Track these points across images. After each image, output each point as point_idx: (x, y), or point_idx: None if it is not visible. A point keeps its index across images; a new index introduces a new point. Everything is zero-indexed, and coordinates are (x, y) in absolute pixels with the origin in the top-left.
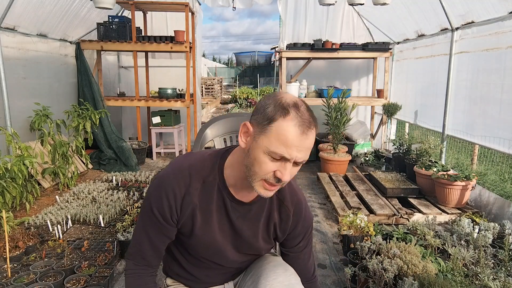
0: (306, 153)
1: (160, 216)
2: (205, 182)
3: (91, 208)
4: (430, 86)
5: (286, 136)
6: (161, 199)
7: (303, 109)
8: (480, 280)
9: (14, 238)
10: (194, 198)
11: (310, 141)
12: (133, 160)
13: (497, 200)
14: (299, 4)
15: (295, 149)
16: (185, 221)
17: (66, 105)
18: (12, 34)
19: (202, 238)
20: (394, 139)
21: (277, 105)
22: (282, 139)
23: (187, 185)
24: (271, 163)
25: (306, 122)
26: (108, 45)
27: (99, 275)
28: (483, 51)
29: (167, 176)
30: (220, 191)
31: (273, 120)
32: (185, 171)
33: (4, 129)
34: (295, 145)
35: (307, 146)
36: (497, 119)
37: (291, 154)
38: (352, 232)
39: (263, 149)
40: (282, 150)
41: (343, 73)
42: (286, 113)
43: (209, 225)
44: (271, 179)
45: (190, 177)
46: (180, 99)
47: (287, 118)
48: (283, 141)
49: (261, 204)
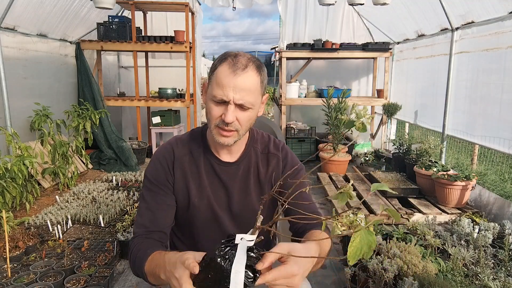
0: (244, 95)
1: (156, 181)
2: (192, 153)
3: (91, 208)
4: (430, 86)
5: (220, 78)
6: (155, 166)
7: (241, 57)
8: (480, 280)
9: (14, 238)
10: (184, 165)
11: (244, 80)
12: (133, 160)
13: (497, 200)
14: (299, 4)
15: (230, 89)
16: (179, 185)
17: (66, 105)
18: (12, 34)
19: (199, 207)
20: (394, 139)
21: (220, 57)
22: (218, 81)
23: (176, 152)
24: (216, 108)
25: (238, 64)
26: (108, 45)
27: (99, 275)
28: (483, 51)
29: (158, 150)
30: (207, 157)
31: (215, 69)
32: (173, 142)
33: (4, 129)
34: (228, 85)
35: (242, 86)
36: (497, 119)
37: (227, 95)
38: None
39: (209, 97)
40: (219, 93)
41: (343, 73)
42: (224, 60)
43: (203, 191)
44: (220, 124)
45: (178, 146)
46: (180, 99)
47: (223, 63)
48: (219, 83)
49: (248, 161)
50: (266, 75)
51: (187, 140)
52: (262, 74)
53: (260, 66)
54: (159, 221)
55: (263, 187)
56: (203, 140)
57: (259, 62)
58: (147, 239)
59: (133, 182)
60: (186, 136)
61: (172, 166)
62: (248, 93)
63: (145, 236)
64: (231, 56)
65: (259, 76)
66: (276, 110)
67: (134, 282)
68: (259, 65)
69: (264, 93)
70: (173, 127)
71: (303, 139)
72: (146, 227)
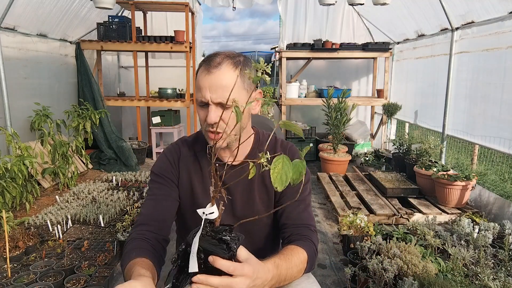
0: (221, 93)
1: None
2: (196, 154)
3: (91, 208)
4: (430, 86)
5: (198, 81)
6: (161, 160)
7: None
8: (480, 280)
9: (14, 238)
10: (189, 164)
11: (217, 77)
12: (133, 160)
13: (497, 200)
14: (299, 4)
15: (206, 90)
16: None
17: (66, 105)
18: (12, 34)
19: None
20: (394, 139)
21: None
22: (197, 85)
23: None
24: (201, 111)
25: (212, 62)
26: (108, 45)
27: (99, 275)
28: (483, 51)
29: (165, 149)
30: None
31: (197, 73)
32: (179, 143)
33: (4, 129)
34: (204, 86)
35: (216, 83)
36: (497, 119)
37: (205, 96)
38: (352, 232)
39: (196, 103)
40: (199, 95)
41: (343, 73)
42: (202, 63)
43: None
44: (207, 127)
45: (184, 146)
46: (180, 99)
47: (202, 66)
48: (197, 86)
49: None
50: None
51: (193, 142)
52: (241, 68)
53: (239, 62)
54: (160, 210)
55: (269, 191)
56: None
57: (241, 58)
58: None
59: (133, 182)
60: (192, 138)
61: (178, 162)
62: (225, 90)
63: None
64: (210, 57)
65: (236, 71)
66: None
67: None
68: (237, 61)
69: (254, 89)
70: (173, 127)
71: (303, 139)
72: (146, 217)
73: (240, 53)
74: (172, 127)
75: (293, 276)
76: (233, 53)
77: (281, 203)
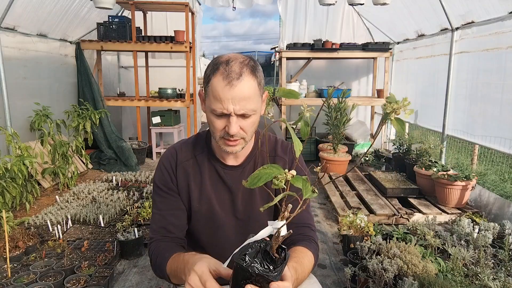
0: (244, 104)
1: (163, 186)
2: (196, 157)
3: (91, 208)
4: (430, 86)
5: (217, 92)
6: (160, 171)
7: (233, 63)
8: (480, 280)
9: (14, 238)
10: (188, 169)
11: (241, 90)
12: (133, 160)
13: (497, 200)
14: (299, 4)
15: (229, 102)
16: (181, 189)
17: (66, 105)
18: (12, 34)
19: (200, 212)
20: (394, 139)
21: (212, 65)
22: (215, 95)
23: (180, 157)
24: (218, 121)
25: (232, 73)
26: (108, 45)
27: (99, 275)
28: (483, 51)
29: (163, 154)
30: (210, 161)
31: (209, 80)
32: (177, 147)
33: (4, 129)
34: (226, 98)
35: (240, 96)
36: (497, 119)
37: (227, 108)
38: (352, 232)
39: (209, 109)
40: (218, 106)
41: (343, 73)
42: (216, 70)
43: (204, 196)
44: (225, 135)
45: (182, 151)
46: (180, 99)
47: (216, 74)
48: (216, 97)
49: (253, 164)
50: (262, 73)
51: (192, 144)
52: (258, 75)
53: (255, 67)
54: (171, 225)
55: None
56: (208, 144)
57: (252, 62)
58: (163, 242)
59: (133, 182)
60: (191, 140)
61: (175, 169)
62: (248, 101)
63: (161, 241)
64: (222, 64)
65: (256, 79)
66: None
67: (134, 282)
68: (253, 67)
69: (263, 91)
70: (173, 127)
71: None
72: (159, 232)
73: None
74: (172, 127)
75: (304, 278)
76: (244, 57)
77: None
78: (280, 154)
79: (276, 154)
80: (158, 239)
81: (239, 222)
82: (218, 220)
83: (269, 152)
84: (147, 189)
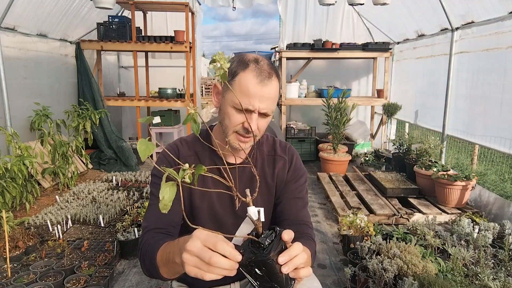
0: (268, 104)
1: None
2: (197, 154)
3: (91, 208)
4: (430, 86)
5: (247, 87)
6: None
7: (263, 63)
8: (480, 280)
9: (14, 238)
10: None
11: (270, 90)
12: (133, 160)
13: (497, 200)
14: (299, 4)
15: (257, 99)
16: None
17: (66, 105)
18: (12, 34)
19: (202, 209)
20: (394, 139)
21: (239, 61)
22: (243, 90)
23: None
24: (238, 115)
25: (264, 72)
26: (108, 45)
27: (99, 275)
28: (483, 51)
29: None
30: (212, 158)
31: (236, 75)
32: (178, 143)
33: (4, 129)
34: (255, 95)
35: (268, 95)
36: (497, 119)
37: (253, 105)
38: (352, 232)
39: (230, 103)
40: (244, 101)
41: (343, 73)
42: (246, 67)
43: (206, 193)
44: (241, 130)
45: (183, 147)
46: (180, 99)
47: (247, 70)
48: (245, 92)
49: (253, 162)
50: None
51: (192, 141)
52: (280, 78)
53: (277, 71)
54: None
55: (270, 189)
56: (208, 141)
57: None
58: (156, 234)
59: (133, 182)
60: (191, 138)
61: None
62: (272, 101)
63: (154, 232)
64: (252, 61)
65: (279, 81)
66: (276, 110)
67: (134, 282)
68: (277, 70)
69: None
70: (173, 127)
71: (303, 139)
72: (154, 221)
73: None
74: (172, 127)
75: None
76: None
77: (281, 200)
78: (279, 153)
79: (276, 154)
80: (151, 229)
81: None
82: (219, 217)
83: (268, 151)
84: (147, 189)
